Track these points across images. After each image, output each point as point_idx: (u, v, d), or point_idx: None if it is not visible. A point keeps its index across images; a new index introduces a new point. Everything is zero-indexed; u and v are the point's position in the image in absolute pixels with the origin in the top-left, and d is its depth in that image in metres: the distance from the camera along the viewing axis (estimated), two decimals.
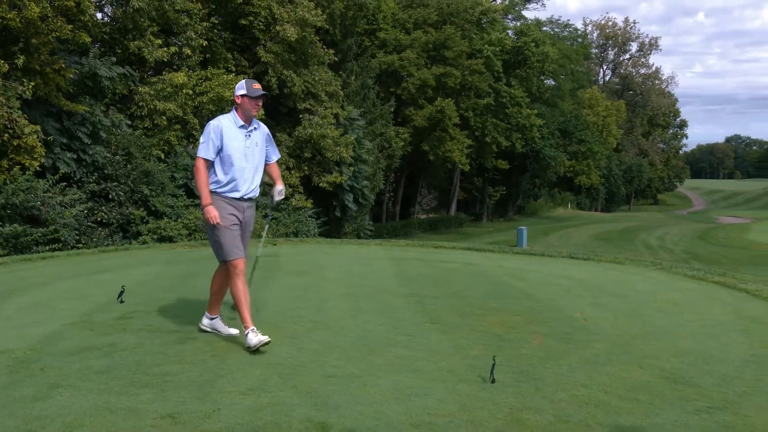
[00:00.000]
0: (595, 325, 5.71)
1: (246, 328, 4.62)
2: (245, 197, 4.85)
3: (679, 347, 5.05)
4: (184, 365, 4.28)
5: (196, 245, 11.41)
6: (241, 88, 4.80)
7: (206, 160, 4.74)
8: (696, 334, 5.49)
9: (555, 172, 56.18)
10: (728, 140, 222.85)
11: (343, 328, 5.40)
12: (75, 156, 14.95)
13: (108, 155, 15.68)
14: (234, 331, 4.95)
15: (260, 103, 4.89)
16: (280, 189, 5.16)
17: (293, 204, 23.15)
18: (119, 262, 9.11)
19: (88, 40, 15.25)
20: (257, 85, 4.83)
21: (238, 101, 4.79)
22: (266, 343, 4.50)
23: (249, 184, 4.86)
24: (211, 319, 5.07)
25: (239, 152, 4.74)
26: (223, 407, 3.56)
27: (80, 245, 13.03)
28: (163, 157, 18.00)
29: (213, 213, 4.66)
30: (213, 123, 4.77)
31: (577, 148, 58.34)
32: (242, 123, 4.79)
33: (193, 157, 18.03)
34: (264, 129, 5.03)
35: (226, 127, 4.74)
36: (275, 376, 4.10)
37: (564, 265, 9.82)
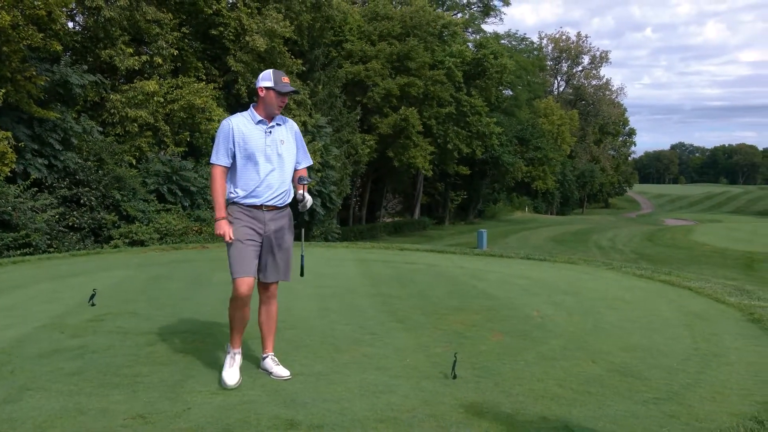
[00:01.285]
0: (550, 323, 5.78)
1: (231, 347, 4.08)
2: (267, 205, 3.95)
3: (628, 342, 5.14)
4: (154, 366, 4.21)
5: (168, 249, 11.24)
6: (266, 79, 3.91)
7: (222, 167, 3.92)
8: (644, 329, 5.60)
9: (513, 177, 56.79)
10: (673, 147, 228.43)
11: (310, 328, 5.37)
12: (46, 162, 14.61)
13: (79, 161, 15.36)
14: (284, 373, 4.05)
15: (286, 101, 4.04)
16: (300, 196, 4.11)
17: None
18: (91, 266, 8.92)
19: (59, 48, 14.90)
20: (286, 79, 3.96)
21: (262, 94, 3.91)
22: (233, 385, 3.84)
23: (273, 190, 3.95)
24: (263, 358, 4.20)
25: (259, 152, 3.89)
26: (194, 407, 3.51)
27: (52, 249, 12.71)
28: (134, 163, 17.69)
29: (224, 229, 3.85)
30: (222, 123, 3.99)
31: (533, 154, 59.13)
32: (260, 118, 3.93)
33: (164, 163, 17.69)
34: (292, 125, 4.11)
35: (238, 125, 3.90)
36: (244, 376, 4.05)
37: (521, 265, 9.93)
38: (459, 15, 54.30)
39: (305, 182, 4.10)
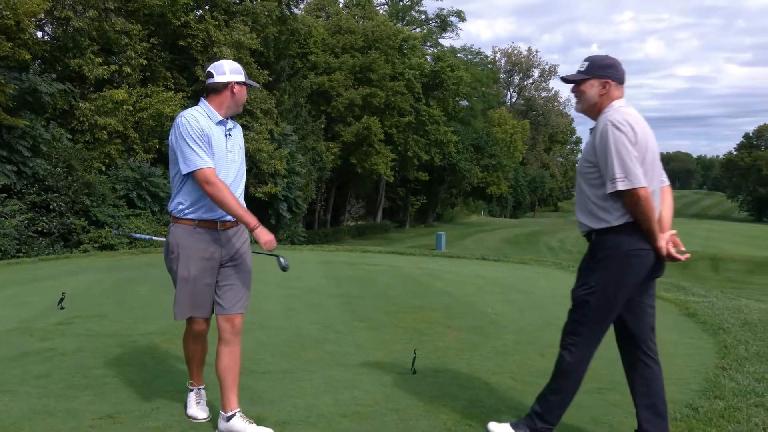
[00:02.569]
0: (504, 319, 5.84)
1: (192, 384, 3.37)
2: (224, 221, 3.10)
3: None
4: (123, 367, 4.11)
5: (137, 253, 11.00)
6: (237, 72, 3.12)
7: (213, 169, 2.99)
8: None
9: (469, 182, 57.31)
10: None
11: (277, 328, 5.32)
12: (15, 168, 14.16)
13: (49, 167, 14.94)
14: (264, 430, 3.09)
15: None
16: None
17: None
18: (60, 270, 8.66)
19: (28, 57, 14.48)
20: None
21: (235, 90, 3.09)
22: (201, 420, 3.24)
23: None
24: (228, 417, 3.12)
25: (221, 157, 3.06)
26: (161, 406, 3.43)
27: (21, 254, 12.33)
28: (104, 169, 17.29)
29: (266, 235, 3.02)
30: (187, 118, 2.98)
31: (488, 161, 59.79)
32: (221, 118, 3.09)
33: (134, 169, 17.20)
34: (239, 128, 3.27)
35: (203, 124, 3.01)
36: (212, 374, 3.97)
37: (477, 265, 10.04)
38: (418, 30, 54.63)
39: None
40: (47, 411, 3.32)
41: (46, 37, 19.35)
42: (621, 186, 2.65)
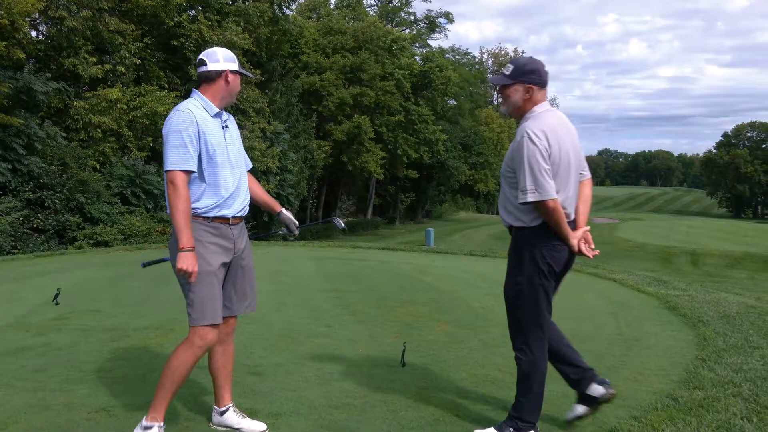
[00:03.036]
0: (491, 313, 5.86)
1: (154, 419, 2.82)
2: (237, 216, 2.95)
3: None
4: (118, 362, 4.08)
5: (131, 249, 10.93)
6: (231, 60, 2.92)
7: (187, 173, 2.75)
8: (574, 317, 5.73)
9: (457, 180, 57.37)
10: (600, 153, 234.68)
11: (269, 322, 5.31)
12: (10, 166, 14.02)
13: (43, 165, 14.80)
14: (260, 427, 3.03)
15: None
16: (289, 215, 3.35)
17: None
18: (55, 266, 8.59)
19: (22, 56, 14.32)
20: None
21: (229, 78, 2.90)
22: None
23: (242, 198, 2.98)
24: (221, 412, 3.07)
25: (222, 152, 2.87)
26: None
27: (16, 251, 12.21)
28: (98, 167, 17.14)
29: (191, 262, 2.68)
30: (181, 114, 2.76)
31: (475, 159, 59.90)
32: (217, 110, 2.90)
33: (128, 167, 17.14)
34: (232, 118, 3.14)
35: (200, 118, 2.80)
36: (205, 368, 3.97)
37: (465, 261, 10.06)
38: (407, 31, 54.57)
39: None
40: (43, 405, 3.30)
41: (41, 37, 19.15)
42: (531, 198, 2.78)
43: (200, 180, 2.83)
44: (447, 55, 57.95)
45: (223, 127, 2.93)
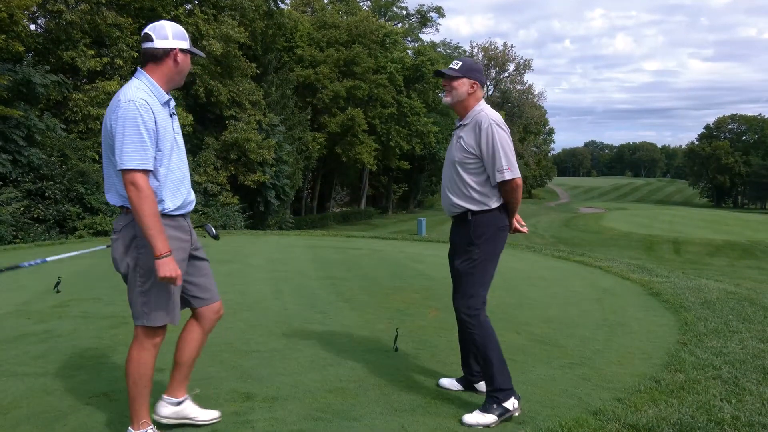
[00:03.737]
0: None
1: (144, 425, 2.68)
2: (190, 210, 2.74)
3: (547, 315, 5.28)
4: (117, 348, 4.07)
5: None
6: (182, 37, 2.59)
7: (147, 172, 2.44)
8: (561, 304, 5.77)
9: None
10: (586, 145, 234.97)
11: (265, 309, 5.31)
12: (10, 157, 13.89)
13: (43, 157, 14.67)
14: (214, 414, 2.93)
15: None
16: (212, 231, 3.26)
17: (221, 200, 22.55)
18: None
19: (21, 49, 14.15)
20: None
21: (179, 59, 2.56)
22: None
23: (191, 189, 2.73)
24: (179, 402, 2.89)
25: (171, 144, 2.55)
26: (155, 383, 3.40)
27: (17, 240, 12.12)
28: (97, 158, 17.00)
29: (171, 267, 2.46)
30: (137, 103, 2.41)
31: None
32: (167, 97, 2.56)
33: None
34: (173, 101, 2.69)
35: (154, 108, 2.47)
36: (204, 354, 3.95)
37: None
38: (399, 25, 54.30)
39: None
40: (45, 390, 3.29)
41: (39, 30, 18.93)
42: (508, 176, 3.00)
43: (159, 177, 2.51)
44: (438, 49, 57.62)
45: (171, 116, 2.60)
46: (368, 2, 54.39)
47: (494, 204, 3.09)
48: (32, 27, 18.18)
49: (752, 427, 2.85)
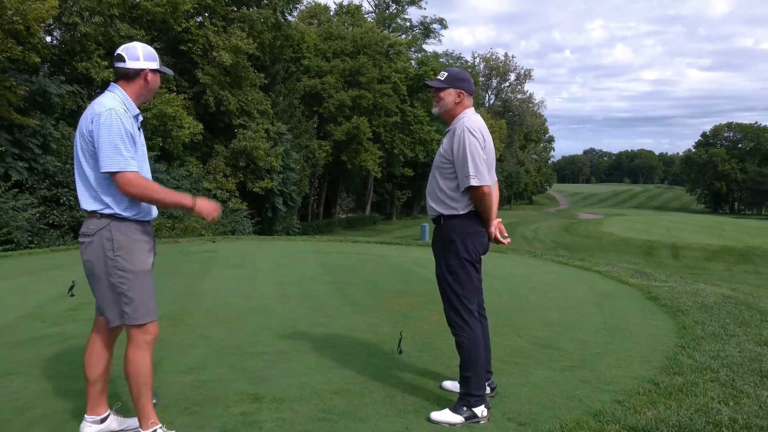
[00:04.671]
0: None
1: (153, 424, 2.68)
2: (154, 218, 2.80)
3: (548, 319, 5.25)
4: None
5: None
6: (151, 58, 2.66)
7: (137, 172, 2.54)
8: (561, 308, 5.74)
9: None
10: (585, 152, 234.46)
11: (272, 312, 5.30)
12: (27, 165, 13.97)
13: (58, 164, 14.75)
14: (132, 422, 2.80)
15: None
16: None
17: (230, 206, 22.60)
18: (70, 260, 8.55)
19: (37, 60, 14.24)
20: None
21: (149, 78, 2.65)
22: None
23: None
24: (103, 419, 2.79)
25: (141, 154, 2.66)
26: (167, 384, 3.41)
27: (33, 245, 12.16)
28: None
29: (207, 204, 2.70)
30: (118, 111, 2.51)
31: None
32: (137, 111, 2.66)
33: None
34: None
35: (125, 118, 2.54)
36: (213, 356, 3.97)
37: None
38: (403, 36, 54.43)
39: None
40: (58, 391, 3.29)
41: (55, 42, 19.08)
42: (473, 182, 2.98)
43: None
44: (441, 60, 57.73)
45: (139, 128, 2.69)
46: (373, 14, 54.61)
47: (462, 210, 3.07)
48: (48, 39, 18.33)
49: (750, 429, 2.82)
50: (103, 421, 2.78)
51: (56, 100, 14.79)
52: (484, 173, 2.99)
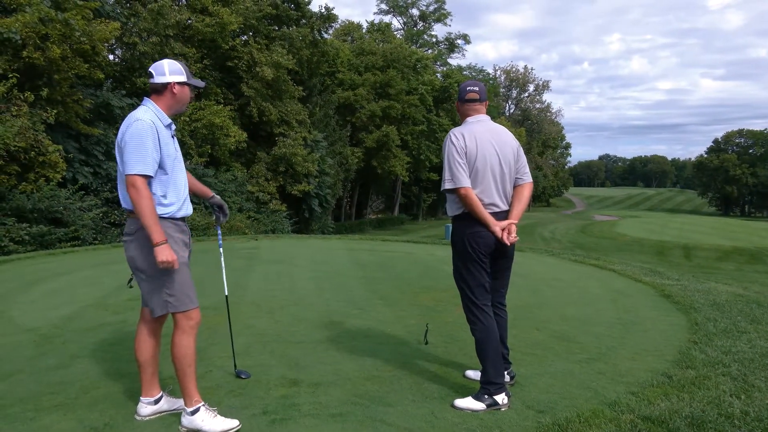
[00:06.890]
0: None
1: (197, 402, 2.72)
2: (189, 215, 2.84)
3: (565, 314, 5.17)
4: None
5: (192, 240, 11.11)
6: (178, 72, 2.73)
7: (147, 177, 2.57)
8: (577, 303, 5.64)
9: None
10: (601, 158, 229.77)
11: (309, 305, 5.35)
12: (92, 170, 14.39)
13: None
14: (182, 403, 2.79)
15: None
16: (219, 199, 3.24)
17: (271, 208, 22.90)
18: None
19: (101, 76, 14.65)
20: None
21: (175, 90, 2.71)
22: (236, 429, 2.67)
23: (189, 199, 2.84)
24: (157, 400, 2.86)
25: (173, 160, 2.70)
26: (214, 369, 3.47)
27: (96, 242, 12.52)
28: None
29: (168, 253, 2.57)
30: (145, 122, 2.57)
31: None
32: (169, 121, 2.72)
33: (190, 170, 17.73)
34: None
35: (158, 128, 2.63)
36: (256, 343, 4.02)
37: None
38: (429, 51, 54.27)
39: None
40: (119, 373, 3.38)
41: (117, 59, 19.61)
42: (447, 185, 2.99)
43: (164, 185, 2.66)
44: (465, 72, 57.44)
45: (172, 137, 2.74)
46: (402, 31, 54.62)
47: (455, 212, 3.08)
48: (111, 57, 18.84)
49: (761, 422, 2.72)
50: (156, 402, 2.85)
51: (118, 112, 15.20)
52: (458, 176, 2.95)
